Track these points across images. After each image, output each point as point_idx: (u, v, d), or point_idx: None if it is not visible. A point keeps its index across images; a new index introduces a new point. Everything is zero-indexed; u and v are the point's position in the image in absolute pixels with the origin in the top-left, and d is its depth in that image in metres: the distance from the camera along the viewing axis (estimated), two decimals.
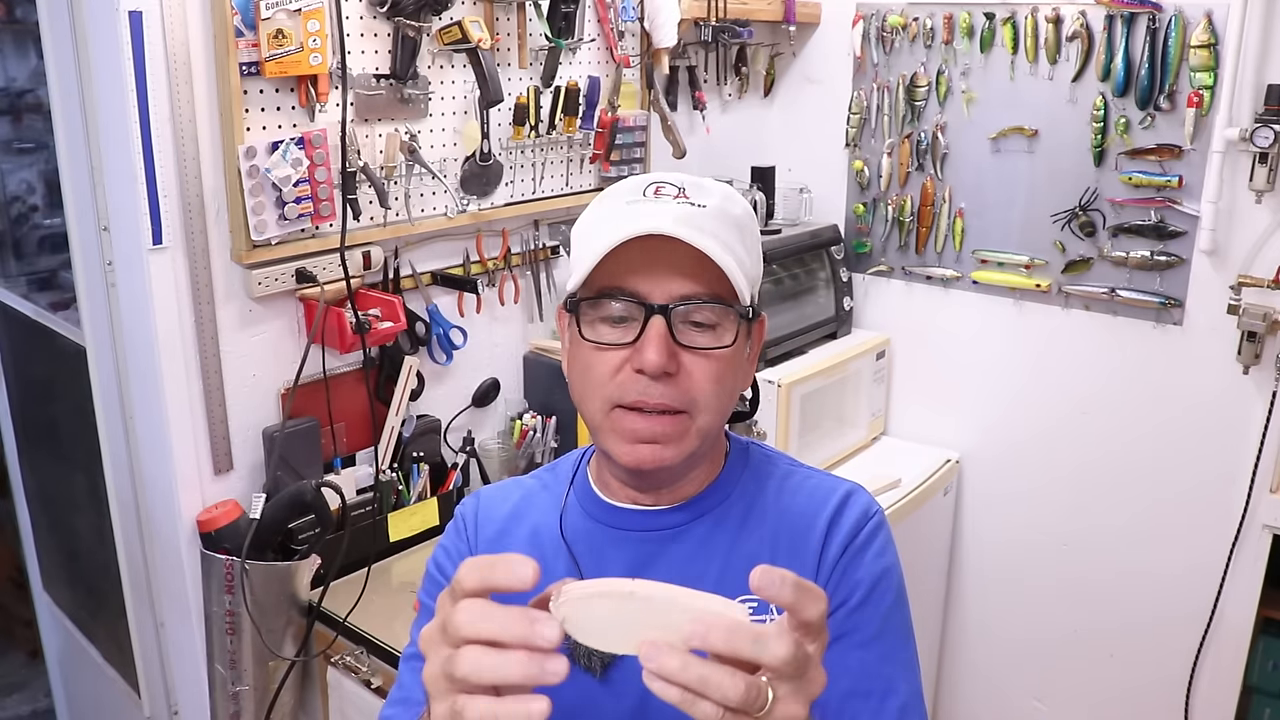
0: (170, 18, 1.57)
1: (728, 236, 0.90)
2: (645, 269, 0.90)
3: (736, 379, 0.96)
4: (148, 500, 1.86)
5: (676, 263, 0.89)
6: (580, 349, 0.94)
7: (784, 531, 0.98)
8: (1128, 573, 2.37)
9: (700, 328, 0.91)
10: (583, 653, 0.96)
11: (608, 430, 0.93)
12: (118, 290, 1.75)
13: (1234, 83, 2.00)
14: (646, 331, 0.89)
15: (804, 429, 2.33)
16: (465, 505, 1.11)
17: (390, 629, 1.73)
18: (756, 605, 0.95)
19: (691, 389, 0.91)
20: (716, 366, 0.92)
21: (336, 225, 1.79)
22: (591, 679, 0.97)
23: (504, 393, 2.22)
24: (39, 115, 2.45)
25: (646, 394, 0.90)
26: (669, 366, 0.89)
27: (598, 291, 0.91)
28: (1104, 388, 2.32)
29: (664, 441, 0.91)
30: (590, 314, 0.93)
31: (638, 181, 0.95)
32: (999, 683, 2.63)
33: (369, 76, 1.82)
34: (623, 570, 0.98)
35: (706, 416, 0.93)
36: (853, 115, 2.54)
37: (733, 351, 0.93)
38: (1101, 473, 2.36)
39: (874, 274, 2.60)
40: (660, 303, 0.89)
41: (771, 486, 1.02)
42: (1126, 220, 2.20)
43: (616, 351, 0.91)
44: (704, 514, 0.99)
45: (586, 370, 0.94)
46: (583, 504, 1.04)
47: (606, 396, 0.92)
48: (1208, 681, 2.29)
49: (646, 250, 0.88)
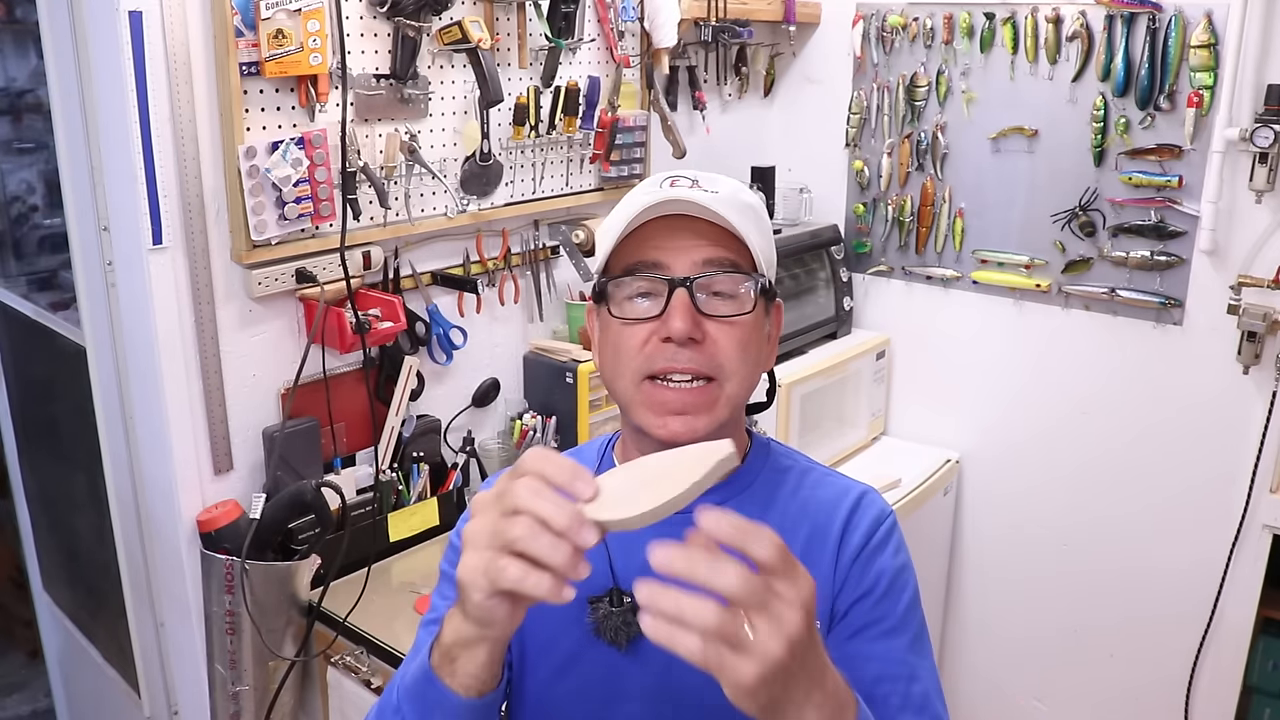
0: (170, 18, 1.57)
1: (741, 218, 0.96)
2: (667, 243, 0.96)
3: (760, 350, 1.01)
4: (148, 500, 1.86)
5: (697, 237, 0.96)
6: (609, 331, 0.99)
7: (804, 523, 1.01)
8: (1128, 572, 2.37)
9: (722, 297, 0.97)
10: (609, 628, 0.99)
11: (639, 404, 0.97)
12: (118, 290, 1.75)
13: (1234, 83, 2.00)
14: (671, 302, 0.94)
15: (804, 429, 2.33)
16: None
17: (390, 629, 1.73)
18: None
19: (718, 354, 0.96)
20: (740, 333, 0.97)
21: (336, 225, 1.79)
22: (616, 652, 0.99)
23: (504, 393, 2.22)
24: (39, 115, 2.45)
25: (675, 360, 0.95)
26: (694, 333, 0.94)
27: (623, 270, 0.97)
28: (1104, 388, 2.32)
29: (694, 412, 0.95)
30: (618, 294, 0.98)
31: (655, 177, 1.01)
32: (999, 683, 2.63)
33: (369, 76, 1.82)
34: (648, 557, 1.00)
35: (734, 383, 0.97)
36: (853, 115, 2.54)
37: (753, 319, 0.98)
38: (1101, 472, 2.36)
39: (874, 274, 2.60)
40: (683, 275, 0.95)
41: (791, 480, 1.06)
42: (1126, 220, 2.20)
43: (644, 325, 0.96)
44: (730, 497, 1.02)
45: (616, 348, 0.98)
46: None
47: (636, 369, 0.96)
48: (1208, 681, 2.29)
49: (668, 228, 0.96)
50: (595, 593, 1.00)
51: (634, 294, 0.97)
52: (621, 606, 0.98)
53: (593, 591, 1.00)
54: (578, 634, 1.00)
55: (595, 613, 0.99)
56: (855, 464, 2.49)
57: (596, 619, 0.99)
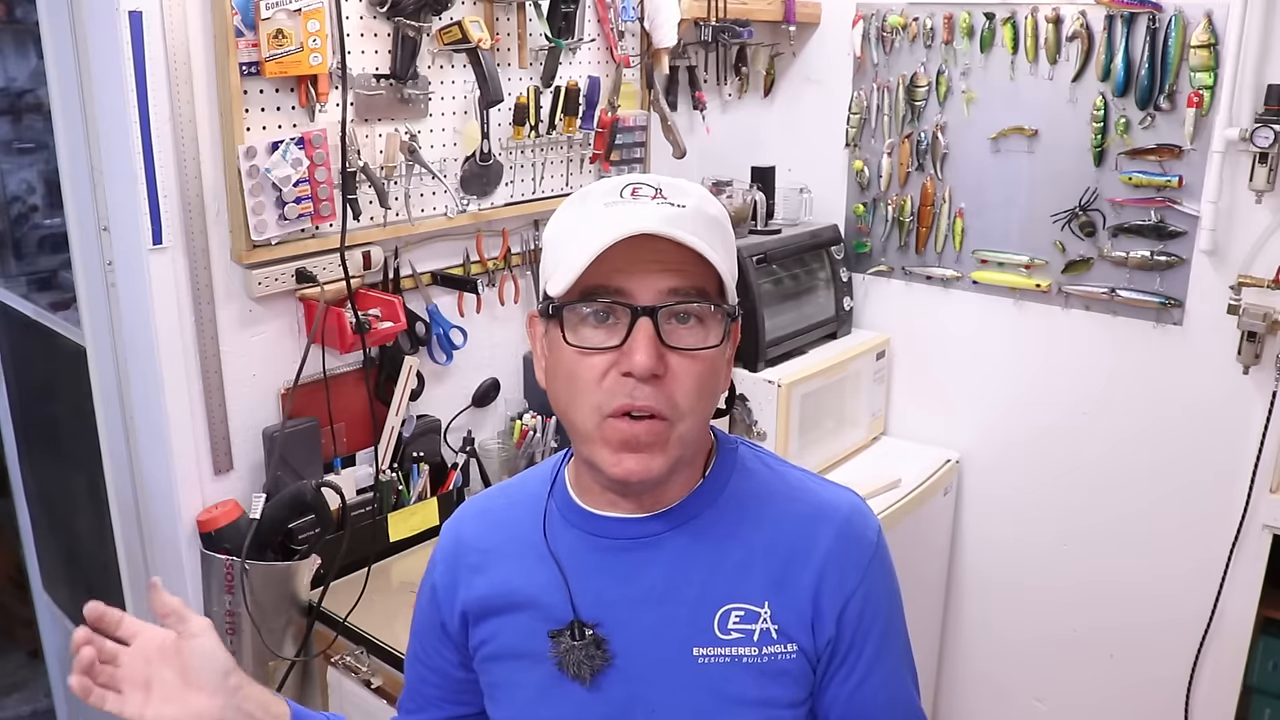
0: (170, 18, 1.57)
1: (709, 236, 0.90)
2: (630, 268, 0.88)
3: (718, 382, 0.96)
4: (148, 500, 1.85)
5: (662, 261, 0.89)
6: (562, 356, 0.92)
7: (780, 544, 0.97)
8: (1128, 572, 2.37)
9: (686, 324, 0.90)
10: (572, 662, 0.96)
11: (597, 441, 0.92)
12: (118, 290, 1.75)
13: (1234, 83, 2.00)
14: (634, 333, 0.88)
15: (804, 429, 2.33)
16: (444, 540, 1.11)
17: (390, 629, 1.73)
18: (744, 614, 0.95)
19: (675, 393, 0.90)
20: (701, 370, 0.91)
21: (336, 225, 1.79)
22: (581, 688, 0.97)
23: (504, 393, 2.22)
24: (39, 115, 2.45)
25: (633, 397, 0.89)
26: (657, 369, 0.88)
27: (582, 294, 0.89)
28: (1104, 388, 2.32)
29: (649, 449, 0.90)
30: (573, 318, 0.91)
31: (613, 183, 0.94)
32: (999, 683, 2.63)
33: (369, 76, 1.82)
34: (607, 579, 0.98)
35: (687, 423, 0.92)
36: (853, 115, 2.54)
37: (718, 353, 0.93)
38: (1101, 473, 2.36)
39: (874, 274, 2.60)
40: (647, 303, 0.88)
41: (763, 493, 1.01)
42: (1126, 220, 2.20)
43: (602, 355, 0.90)
44: (687, 521, 0.98)
45: (571, 378, 0.92)
46: (563, 512, 1.03)
47: (595, 405, 0.90)
48: (1208, 681, 2.29)
49: (631, 250, 0.87)
50: (557, 626, 0.98)
51: (591, 319, 0.90)
52: (583, 640, 0.96)
53: (555, 624, 0.98)
54: (546, 668, 0.98)
55: (558, 646, 0.97)
56: (855, 464, 2.49)
57: (559, 653, 0.97)
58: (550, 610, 0.99)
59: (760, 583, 0.96)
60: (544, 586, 1.00)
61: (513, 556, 1.03)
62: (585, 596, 0.98)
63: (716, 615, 0.96)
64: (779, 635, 0.95)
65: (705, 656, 0.95)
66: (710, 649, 0.95)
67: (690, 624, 0.96)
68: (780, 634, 0.95)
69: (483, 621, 1.04)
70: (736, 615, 0.95)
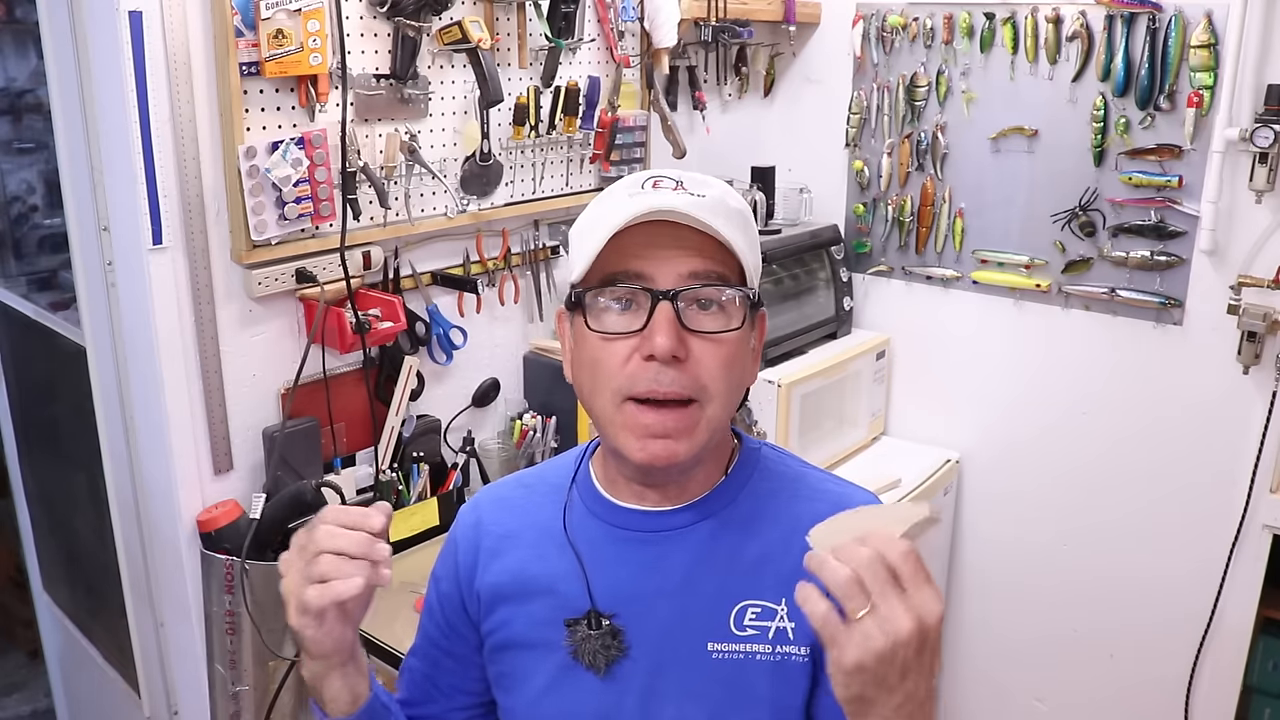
0: (170, 18, 1.57)
1: (729, 224, 0.91)
2: (650, 252, 0.90)
3: (744, 368, 0.97)
4: (148, 500, 1.86)
5: (682, 246, 0.90)
6: (586, 344, 0.94)
7: (797, 543, 0.95)
8: (1128, 572, 2.37)
9: (708, 309, 0.92)
10: (587, 651, 0.97)
11: (619, 426, 0.93)
12: (118, 290, 1.75)
13: (1234, 83, 2.00)
14: (655, 316, 0.89)
15: (804, 429, 2.33)
16: (463, 522, 1.11)
17: (390, 629, 1.73)
18: (760, 611, 0.95)
19: (701, 375, 0.91)
20: (725, 352, 0.92)
21: (336, 225, 1.79)
22: (595, 677, 0.97)
23: (504, 393, 2.22)
24: (39, 115, 2.45)
25: (657, 381, 0.90)
26: (678, 351, 0.89)
27: (602, 280, 0.91)
28: (1104, 388, 2.32)
29: (675, 435, 0.91)
30: (595, 305, 0.92)
31: (636, 177, 0.96)
32: (999, 682, 2.63)
33: (369, 76, 1.82)
34: (625, 571, 0.99)
35: (715, 405, 0.93)
36: (853, 115, 2.54)
37: (740, 336, 0.93)
38: (1101, 473, 2.36)
39: (874, 274, 2.60)
40: (667, 287, 0.90)
41: (784, 490, 1.02)
42: (1126, 220, 2.20)
43: (624, 341, 0.91)
44: (710, 515, 0.99)
45: (594, 365, 0.93)
46: (586, 502, 1.04)
47: (617, 389, 0.91)
48: (1208, 681, 2.29)
49: (650, 236, 0.89)
50: (573, 615, 0.98)
51: (613, 306, 0.92)
52: (600, 629, 0.96)
53: (571, 614, 0.98)
54: (560, 657, 0.98)
55: (573, 635, 0.97)
56: (855, 464, 2.49)
57: (574, 642, 0.97)
58: (567, 599, 0.99)
59: (777, 580, 0.96)
60: (561, 575, 1.00)
61: (530, 544, 1.04)
62: (603, 587, 0.98)
63: (733, 611, 0.96)
64: (794, 635, 0.95)
65: (720, 652, 0.95)
66: (725, 644, 0.95)
67: (707, 619, 0.96)
68: (796, 633, 0.95)
69: (496, 608, 1.04)
70: (753, 612, 0.96)
